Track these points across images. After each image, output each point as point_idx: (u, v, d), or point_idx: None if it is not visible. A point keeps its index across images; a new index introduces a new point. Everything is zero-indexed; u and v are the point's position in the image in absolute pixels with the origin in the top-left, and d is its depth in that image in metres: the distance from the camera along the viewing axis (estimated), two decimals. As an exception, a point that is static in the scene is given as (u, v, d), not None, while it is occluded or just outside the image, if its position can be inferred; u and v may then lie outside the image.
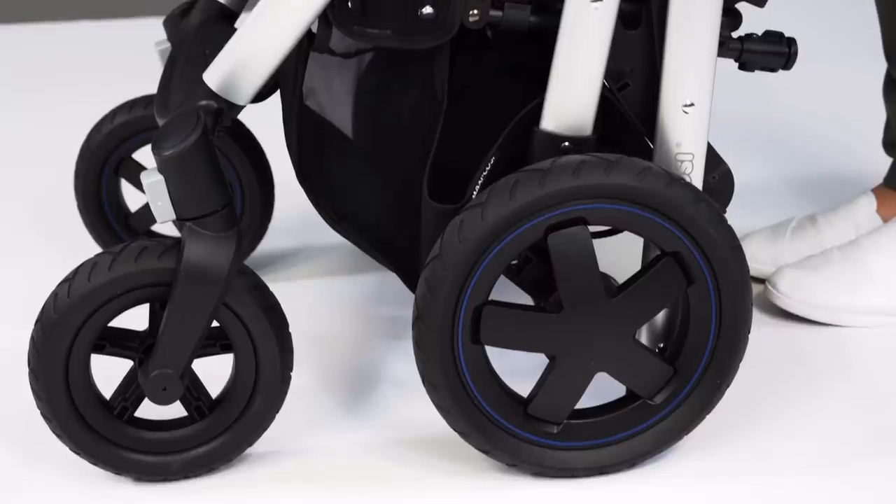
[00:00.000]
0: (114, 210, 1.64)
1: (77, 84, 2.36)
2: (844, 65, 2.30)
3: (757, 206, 1.83)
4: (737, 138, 2.04)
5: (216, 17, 1.45)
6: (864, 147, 1.90)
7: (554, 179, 1.19)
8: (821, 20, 2.55)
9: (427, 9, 1.23)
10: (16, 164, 2.05)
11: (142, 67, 1.88)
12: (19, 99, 2.32)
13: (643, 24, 1.24)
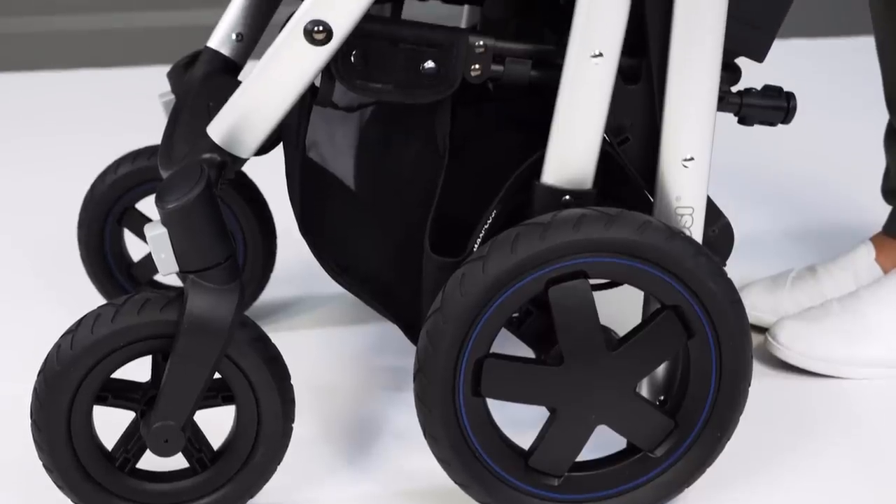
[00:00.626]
0: (116, 259, 1.65)
1: (81, 133, 2.37)
2: (842, 115, 2.32)
3: (757, 255, 1.84)
4: (736, 188, 2.06)
5: (220, 69, 1.46)
6: (862, 196, 1.91)
7: (555, 233, 1.19)
8: (820, 69, 2.57)
9: (429, 63, 1.24)
10: (19, 212, 2.06)
11: (145, 116, 1.90)
12: (23, 147, 2.33)
13: (643, 78, 1.25)
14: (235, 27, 1.48)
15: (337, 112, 1.43)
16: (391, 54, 1.24)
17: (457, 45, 1.24)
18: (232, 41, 1.48)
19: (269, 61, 1.20)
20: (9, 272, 1.87)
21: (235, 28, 1.48)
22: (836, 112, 2.34)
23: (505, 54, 1.25)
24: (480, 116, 1.44)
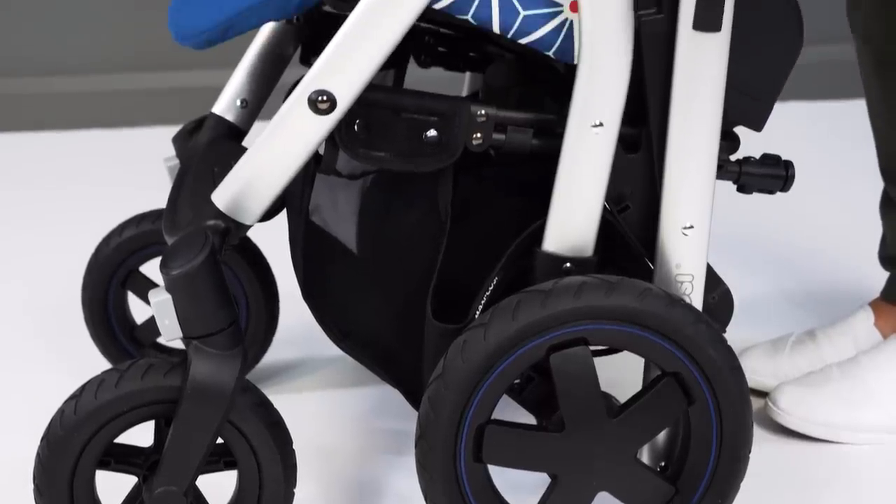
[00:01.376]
0: (120, 322, 1.66)
1: (86, 193, 2.38)
2: (838, 178, 2.33)
3: (756, 320, 1.85)
4: (735, 252, 2.07)
5: (224, 135, 1.48)
6: (859, 260, 1.92)
7: (556, 301, 1.20)
8: (815, 132, 2.58)
9: (431, 132, 1.25)
10: (23, 274, 2.07)
11: (150, 176, 1.91)
12: (27, 208, 2.34)
13: (643, 147, 1.26)
14: (240, 94, 1.50)
15: (340, 179, 1.45)
16: (394, 123, 1.25)
17: (459, 115, 1.25)
18: (236, 107, 1.50)
19: (273, 130, 1.22)
20: (12, 334, 1.87)
21: (240, 94, 1.50)
22: (833, 175, 2.36)
23: (506, 123, 1.27)
24: (482, 181, 1.46)
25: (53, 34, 2.66)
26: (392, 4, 1.17)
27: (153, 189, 1.80)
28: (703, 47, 1.20)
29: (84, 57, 2.68)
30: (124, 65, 2.68)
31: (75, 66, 2.68)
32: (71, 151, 2.61)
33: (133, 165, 2.43)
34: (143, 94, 2.69)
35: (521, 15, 1.22)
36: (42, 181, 2.47)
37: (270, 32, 1.50)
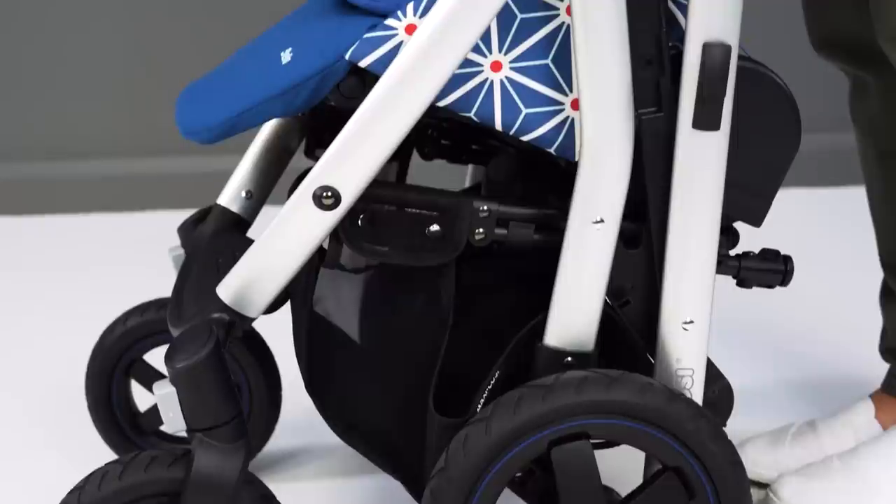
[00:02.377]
0: (123, 410, 1.67)
1: (91, 277, 2.40)
2: (840, 269, 2.34)
3: (757, 410, 1.85)
4: (735, 341, 2.07)
5: (229, 226, 1.49)
6: (861, 351, 1.92)
7: (557, 396, 1.21)
8: (818, 223, 2.60)
9: (434, 227, 1.27)
10: (26, 360, 2.07)
11: (155, 261, 1.92)
12: (32, 292, 2.35)
13: (643, 243, 1.28)
14: (245, 185, 1.52)
15: (344, 272, 1.46)
16: (398, 218, 1.27)
17: (462, 210, 1.27)
18: (241, 198, 1.51)
19: (278, 225, 1.24)
20: (14, 420, 1.88)
21: (245, 185, 1.52)
22: (832, 263, 2.37)
23: (508, 218, 1.28)
24: (484, 272, 1.47)
25: (59, 118, 2.68)
26: (396, 103, 1.19)
27: (158, 274, 1.81)
28: (702, 145, 1.22)
29: (89, 141, 2.70)
30: (129, 150, 2.71)
31: (80, 151, 2.71)
32: (76, 235, 2.62)
33: (138, 250, 2.44)
34: (148, 178, 2.71)
35: (523, 113, 1.24)
36: (47, 265, 2.48)
37: (275, 125, 1.52)
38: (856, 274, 2.07)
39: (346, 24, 1.25)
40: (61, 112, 2.67)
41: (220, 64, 1.43)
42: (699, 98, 1.20)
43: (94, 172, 2.71)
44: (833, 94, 2.23)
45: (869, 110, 1.63)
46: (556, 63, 1.23)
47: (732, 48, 1.20)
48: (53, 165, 2.72)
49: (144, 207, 2.69)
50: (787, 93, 1.27)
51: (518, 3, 1.21)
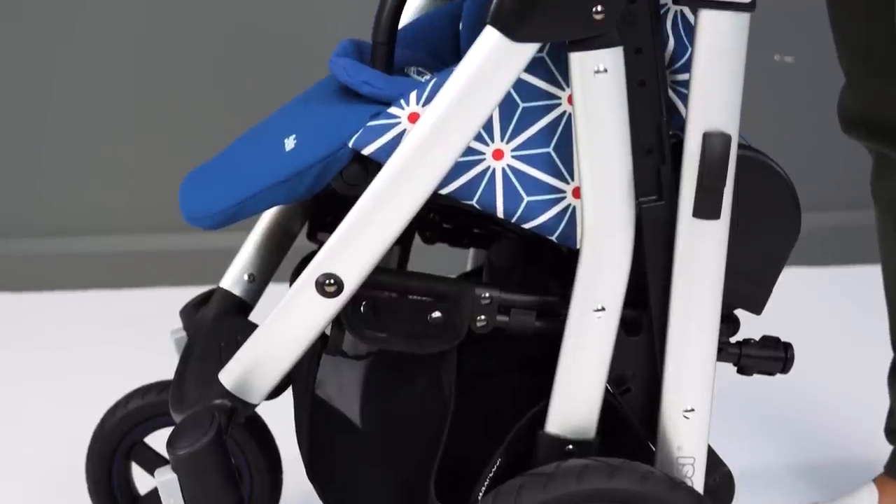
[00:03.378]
0: (123, 493, 1.66)
1: (92, 356, 2.39)
2: (846, 349, 2.34)
3: (759, 491, 1.85)
4: (738, 422, 2.07)
5: (231, 309, 1.50)
6: (867, 433, 1.92)
7: (558, 484, 1.21)
8: (823, 302, 2.60)
9: (436, 314, 1.28)
10: (25, 441, 2.07)
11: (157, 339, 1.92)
12: (32, 371, 2.35)
13: (644, 330, 1.28)
14: (247, 268, 1.52)
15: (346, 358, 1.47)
16: (399, 305, 1.28)
17: (463, 297, 1.28)
18: (244, 282, 1.52)
19: (281, 312, 1.24)
20: (13, 502, 1.87)
21: (247, 269, 1.52)
22: (837, 343, 2.37)
23: (510, 305, 1.29)
24: (485, 356, 1.47)
25: (58, 195, 2.69)
26: (399, 192, 1.20)
27: (160, 353, 1.81)
28: (702, 234, 1.23)
29: (89, 218, 2.71)
30: (130, 226, 2.72)
31: (80, 227, 2.71)
32: (76, 312, 2.63)
33: (139, 328, 2.44)
34: (149, 255, 2.71)
35: (525, 201, 1.25)
36: (47, 342, 2.48)
37: (278, 208, 1.53)
38: (860, 355, 2.07)
39: (350, 111, 1.27)
40: (61, 188, 2.68)
41: (224, 149, 1.44)
42: (699, 187, 1.21)
43: (94, 249, 2.72)
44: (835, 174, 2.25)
45: (891, 189, 1.64)
46: (558, 151, 1.24)
47: (732, 138, 1.21)
48: (53, 242, 2.72)
49: (145, 284, 2.69)
50: (787, 181, 1.28)
51: (520, 92, 1.23)
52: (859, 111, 1.60)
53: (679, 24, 1.24)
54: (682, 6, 1.22)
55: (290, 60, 2.51)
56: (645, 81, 1.22)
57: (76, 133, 2.63)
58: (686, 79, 1.23)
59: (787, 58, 2.52)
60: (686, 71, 1.23)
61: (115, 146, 2.65)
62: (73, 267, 2.71)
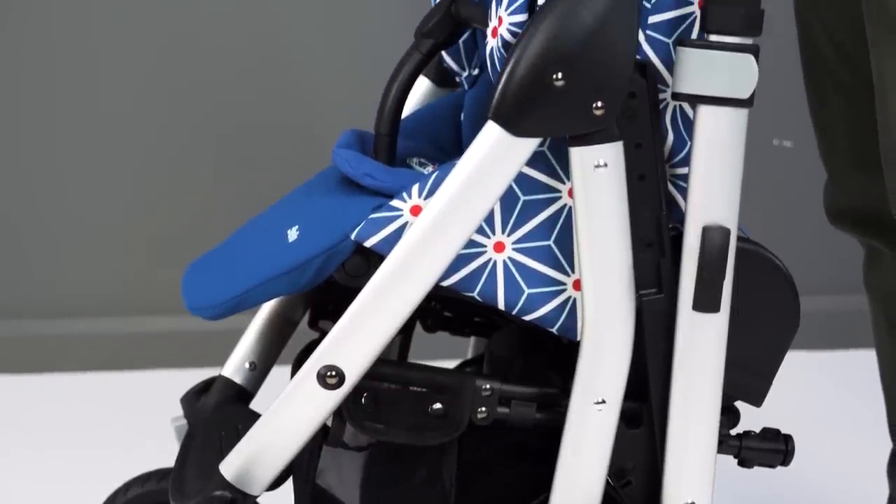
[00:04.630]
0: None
1: (92, 440, 2.38)
2: (845, 435, 2.34)
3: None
4: None
5: (232, 397, 1.50)
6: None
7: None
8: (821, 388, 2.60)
9: (437, 405, 1.28)
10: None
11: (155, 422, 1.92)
12: (31, 455, 2.34)
13: (645, 423, 1.28)
14: (248, 356, 1.53)
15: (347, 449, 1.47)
16: (401, 397, 1.28)
17: (464, 389, 1.28)
18: (245, 370, 1.52)
19: (282, 403, 1.25)
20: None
21: (248, 357, 1.53)
22: (836, 429, 2.36)
23: (510, 397, 1.29)
24: (485, 446, 1.47)
25: (59, 276, 2.70)
26: (401, 284, 1.21)
27: (160, 436, 1.80)
28: (702, 327, 1.24)
29: (89, 299, 2.72)
30: (130, 308, 2.72)
31: (80, 309, 2.72)
32: (77, 395, 2.62)
33: (139, 410, 2.43)
34: (151, 337, 2.72)
35: (526, 293, 1.26)
36: (46, 426, 2.47)
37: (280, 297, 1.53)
38: (856, 441, 2.07)
39: (352, 203, 1.28)
40: (60, 270, 2.69)
41: (227, 238, 1.45)
42: (699, 280, 1.22)
43: (94, 330, 2.72)
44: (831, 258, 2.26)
45: (882, 280, 1.65)
46: (559, 244, 1.25)
47: (731, 231, 1.22)
48: (52, 323, 2.72)
49: (145, 367, 2.69)
50: (786, 274, 1.29)
51: (521, 185, 1.24)
52: (845, 205, 1.62)
53: (678, 118, 1.26)
54: (681, 102, 1.24)
55: (294, 148, 2.53)
56: (645, 175, 1.23)
57: (76, 214, 2.64)
58: (685, 173, 1.24)
59: (786, 142, 2.54)
60: (685, 165, 1.25)
61: (117, 228, 2.67)
62: (73, 348, 2.71)
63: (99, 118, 2.56)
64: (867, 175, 1.53)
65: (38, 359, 2.70)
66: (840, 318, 2.59)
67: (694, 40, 1.22)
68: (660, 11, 1.23)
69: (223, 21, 2.53)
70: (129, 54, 2.53)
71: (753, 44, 1.20)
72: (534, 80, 1.17)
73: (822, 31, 1.55)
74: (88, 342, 2.71)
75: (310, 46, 2.53)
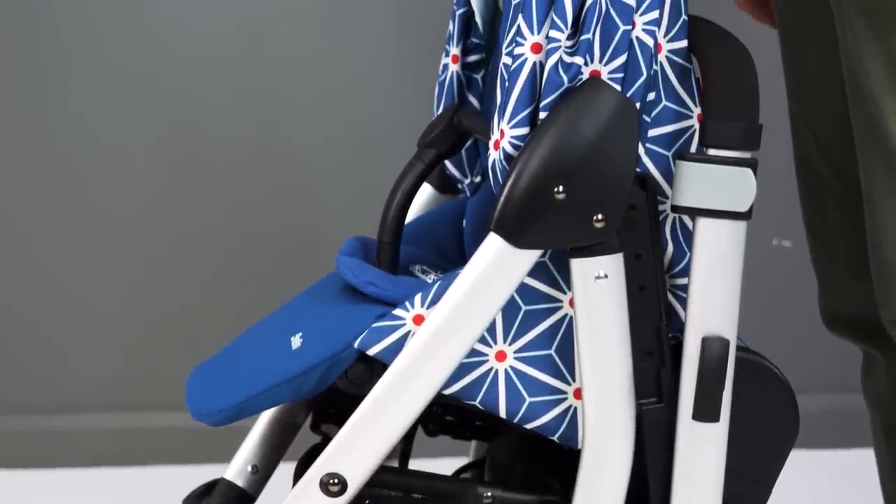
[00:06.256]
0: None
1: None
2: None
3: None
4: None
5: (234, 501, 1.50)
6: None
7: None
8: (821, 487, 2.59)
9: None
10: None
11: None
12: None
13: None
14: (251, 459, 1.53)
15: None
16: (403, 503, 1.29)
17: (466, 497, 1.29)
18: (247, 473, 1.53)
19: (284, 510, 1.26)
20: None
21: (251, 460, 1.53)
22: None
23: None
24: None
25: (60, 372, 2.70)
26: (403, 393, 1.22)
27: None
28: (702, 436, 1.25)
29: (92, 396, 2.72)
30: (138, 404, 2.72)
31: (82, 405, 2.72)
32: (80, 491, 2.62)
33: None
34: (153, 432, 2.72)
35: (527, 402, 1.27)
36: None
37: (283, 405, 1.54)
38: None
39: (355, 311, 1.29)
40: (61, 364, 2.69)
41: (231, 342, 1.46)
42: (699, 390, 1.23)
43: (94, 426, 2.72)
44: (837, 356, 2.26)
45: (877, 386, 1.66)
46: (560, 353, 1.27)
47: (731, 342, 1.24)
48: (54, 419, 2.72)
49: (146, 462, 2.69)
50: (785, 383, 1.30)
51: (522, 295, 1.25)
52: (838, 310, 1.63)
53: (678, 229, 1.28)
54: (681, 214, 1.25)
55: (298, 252, 2.54)
56: (645, 286, 1.25)
57: (79, 311, 2.65)
58: (685, 283, 1.26)
59: (786, 242, 2.56)
60: (685, 275, 1.26)
61: (118, 320, 2.68)
62: (73, 443, 2.71)
63: (99, 209, 2.58)
64: (859, 281, 1.55)
65: (39, 454, 2.70)
66: (840, 416, 2.59)
67: (693, 154, 1.24)
68: (659, 125, 1.25)
69: (229, 117, 2.56)
70: (130, 147, 2.56)
71: (752, 158, 1.22)
72: (535, 193, 1.19)
73: (815, 144, 1.57)
74: (89, 437, 2.71)
75: (318, 153, 2.56)
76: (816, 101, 1.55)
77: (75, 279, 2.64)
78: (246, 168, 2.57)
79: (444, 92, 1.47)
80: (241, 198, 2.58)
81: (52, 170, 2.56)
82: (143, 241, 2.61)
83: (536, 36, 1.21)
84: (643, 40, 1.22)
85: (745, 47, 1.24)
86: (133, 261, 2.63)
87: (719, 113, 1.22)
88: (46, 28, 2.49)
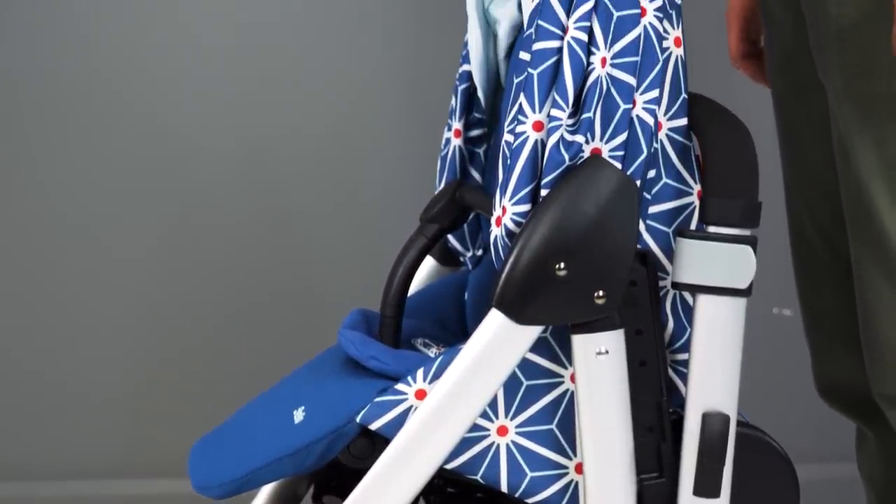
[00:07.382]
0: None
1: None
2: None
3: None
4: None
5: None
6: None
7: None
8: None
9: None
10: None
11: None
12: None
13: None
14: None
15: None
16: None
17: None
18: (251, 544, 1.53)
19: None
20: None
21: (255, 531, 1.54)
22: None
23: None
24: None
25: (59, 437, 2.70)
26: (405, 468, 1.23)
27: None
28: (703, 511, 1.25)
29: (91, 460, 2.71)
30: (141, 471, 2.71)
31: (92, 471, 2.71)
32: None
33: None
34: (152, 499, 2.71)
35: (528, 476, 1.27)
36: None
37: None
38: None
39: (358, 385, 1.30)
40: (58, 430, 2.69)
41: (233, 414, 1.46)
42: (699, 466, 1.24)
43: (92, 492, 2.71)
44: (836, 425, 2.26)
45: (870, 461, 1.66)
46: (561, 428, 1.27)
47: (731, 417, 1.24)
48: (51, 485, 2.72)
49: None
50: (785, 458, 1.31)
51: (524, 370, 1.26)
52: (831, 383, 1.64)
53: (678, 305, 1.28)
54: (681, 290, 1.26)
55: (299, 324, 2.54)
56: (646, 362, 1.25)
57: (75, 375, 2.65)
58: (685, 358, 1.27)
59: (786, 311, 2.56)
60: (685, 351, 1.27)
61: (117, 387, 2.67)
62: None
63: (99, 281, 2.58)
64: (851, 353, 1.55)
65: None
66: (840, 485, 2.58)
67: (693, 231, 1.25)
68: (660, 202, 1.26)
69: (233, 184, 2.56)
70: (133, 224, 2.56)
71: (751, 235, 1.23)
72: (536, 270, 1.20)
73: (809, 217, 1.59)
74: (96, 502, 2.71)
75: (322, 224, 2.56)
76: (810, 176, 1.57)
77: (72, 345, 2.63)
78: (247, 238, 2.57)
79: (446, 166, 1.49)
80: (242, 268, 2.58)
81: (56, 238, 2.57)
82: (142, 309, 2.61)
83: (538, 114, 1.23)
84: (644, 119, 1.23)
85: (745, 125, 1.25)
86: (133, 329, 2.63)
87: (719, 190, 1.24)
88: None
